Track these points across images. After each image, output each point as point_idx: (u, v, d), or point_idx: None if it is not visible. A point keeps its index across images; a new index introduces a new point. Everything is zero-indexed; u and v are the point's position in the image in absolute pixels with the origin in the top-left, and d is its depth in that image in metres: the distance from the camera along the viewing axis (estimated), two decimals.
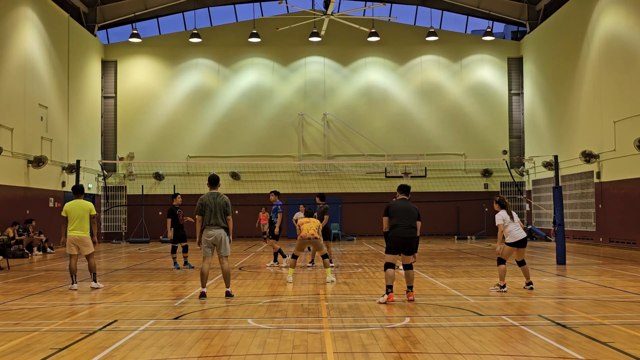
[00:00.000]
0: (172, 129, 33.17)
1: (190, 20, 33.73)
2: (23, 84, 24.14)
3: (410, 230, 10.07)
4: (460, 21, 49.89)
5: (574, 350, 6.70)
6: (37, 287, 12.72)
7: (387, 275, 10.04)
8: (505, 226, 11.28)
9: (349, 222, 32.52)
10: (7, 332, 8.01)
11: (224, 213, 10.70)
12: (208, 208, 10.65)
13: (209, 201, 10.67)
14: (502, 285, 11.27)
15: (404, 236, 10.02)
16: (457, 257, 19.64)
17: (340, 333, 7.70)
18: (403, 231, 10.03)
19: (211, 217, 10.63)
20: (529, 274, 11.58)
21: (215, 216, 10.64)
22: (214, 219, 10.63)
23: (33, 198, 24.35)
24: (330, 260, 16.34)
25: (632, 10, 22.64)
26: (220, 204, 10.68)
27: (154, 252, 23.09)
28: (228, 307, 9.88)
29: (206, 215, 10.65)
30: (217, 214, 10.64)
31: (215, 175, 11.05)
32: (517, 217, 11.55)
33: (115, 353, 6.79)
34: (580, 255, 20.06)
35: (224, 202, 10.73)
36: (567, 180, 27.74)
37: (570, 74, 27.74)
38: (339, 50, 33.72)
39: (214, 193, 10.82)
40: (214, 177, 11.01)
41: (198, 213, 10.71)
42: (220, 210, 10.67)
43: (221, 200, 10.71)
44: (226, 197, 10.87)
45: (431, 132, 33.47)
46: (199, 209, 10.70)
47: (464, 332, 7.66)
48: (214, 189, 10.91)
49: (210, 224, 10.64)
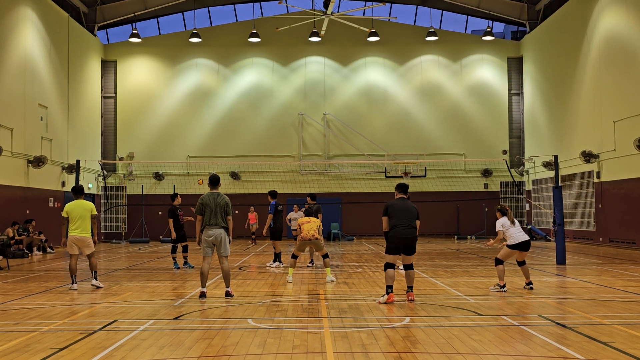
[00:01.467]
0: (172, 129, 33.17)
1: (190, 20, 33.75)
2: (23, 84, 24.13)
3: (411, 230, 10.04)
4: (460, 21, 49.93)
5: (574, 350, 6.70)
6: (37, 287, 12.72)
7: (387, 276, 10.04)
8: (505, 231, 11.49)
9: (349, 222, 32.52)
10: (7, 332, 8.00)
11: (224, 213, 10.71)
12: (209, 208, 10.66)
13: (209, 201, 10.68)
14: (502, 285, 11.30)
15: (405, 236, 10.00)
16: (457, 257, 19.64)
17: (340, 333, 7.70)
18: (403, 231, 10.00)
19: (211, 217, 10.65)
20: (529, 273, 11.61)
21: (215, 216, 10.65)
22: (215, 219, 10.65)
23: (33, 198, 24.35)
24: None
25: (632, 10, 22.64)
26: (221, 204, 10.70)
27: (154, 252, 23.10)
28: (228, 307, 9.87)
29: (206, 215, 10.66)
30: (218, 214, 10.66)
31: (216, 175, 11.08)
32: (518, 223, 11.72)
33: (115, 353, 6.79)
34: (580, 255, 20.06)
35: (225, 202, 10.74)
36: (567, 180, 27.74)
37: (570, 74, 27.74)
38: (339, 50, 33.72)
39: (215, 193, 10.83)
40: (215, 177, 11.04)
41: (198, 213, 10.73)
42: (221, 210, 10.69)
43: (222, 201, 10.73)
44: (227, 197, 10.89)
45: (431, 132, 33.47)
46: (199, 208, 10.72)
47: (464, 332, 7.66)
48: (215, 189, 10.94)
49: (211, 224, 10.65)
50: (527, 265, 11.70)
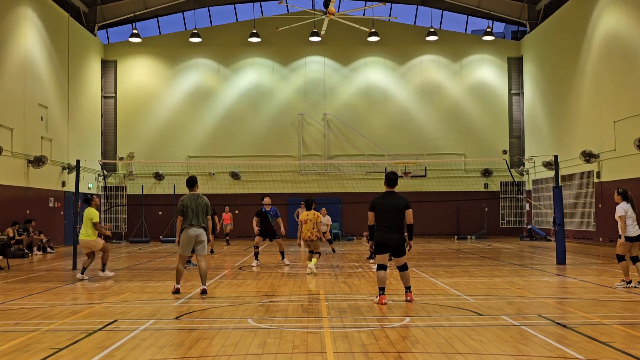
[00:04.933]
0: (172, 129, 33.18)
1: (190, 20, 33.76)
2: (23, 84, 24.14)
3: (394, 236, 9.86)
4: (460, 21, 49.96)
5: (574, 350, 6.70)
6: (37, 287, 12.73)
7: (378, 278, 10.04)
8: (626, 219, 11.16)
9: (349, 222, 32.50)
10: (7, 332, 8.00)
11: (205, 214, 11.14)
12: (190, 209, 11.06)
13: (190, 203, 11.09)
14: (627, 281, 11.41)
15: (387, 242, 9.92)
16: (457, 257, 19.63)
17: (340, 333, 7.70)
18: (385, 235, 9.89)
19: (193, 217, 11.04)
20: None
21: (197, 217, 11.06)
22: (196, 220, 11.04)
23: (33, 198, 24.35)
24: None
25: (632, 10, 22.64)
26: (202, 205, 11.14)
27: (154, 252, 23.09)
28: (228, 307, 9.88)
29: (188, 216, 11.04)
30: (199, 214, 11.07)
31: (193, 177, 11.56)
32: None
33: (115, 353, 6.79)
34: (580, 255, 20.05)
35: (205, 203, 11.20)
36: (567, 180, 27.73)
37: (570, 74, 27.73)
38: (339, 50, 33.72)
39: (195, 194, 11.26)
40: (192, 179, 11.49)
41: (179, 214, 11.13)
42: (202, 211, 11.11)
43: (202, 202, 11.17)
44: (206, 198, 11.38)
45: (431, 132, 33.47)
46: (180, 210, 11.13)
47: (464, 332, 7.65)
48: (193, 190, 11.34)
49: (192, 224, 11.02)
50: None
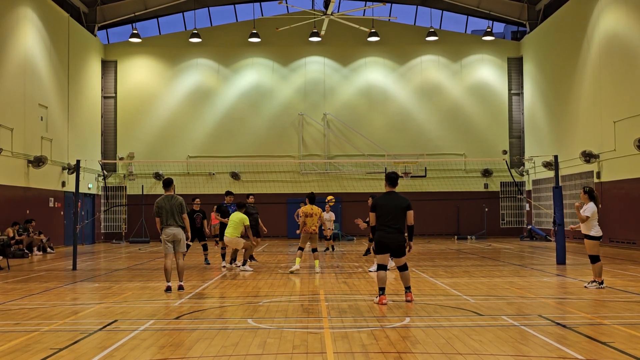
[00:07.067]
0: (172, 129, 33.17)
1: (190, 20, 33.75)
2: (23, 84, 24.13)
3: (395, 236, 9.91)
4: (460, 21, 49.96)
5: (574, 350, 6.70)
6: (37, 287, 12.73)
7: (378, 278, 10.06)
8: (591, 220, 11.22)
9: (349, 222, 32.45)
10: (7, 332, 8.01)
11: (180, 213, 11.56)
12: (164, 210, 11.54)
13: (164, 204, 11.56)
14: (599, 282, 11.44)
15: (388, 242, 9.95)
16: (457, 257, 19.64)
17: (340, 333, 7.70)
18: (387, 236, 9.93)
19: (168, 217, 11.52)
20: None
21: (172, 217, 11.53)
22: (172, 219, 11.53)
23: (33, 198, 24.34)
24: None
25: (632, 10, 22.64)
26: (176, 205, 11.59)
27: (154, 252, 23.09)
28: (228, 307, 9.88)
29: (163, 216, 11.52)
30: (175, 214, 11.53)
31: (169, 179, 12.01)
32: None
33: (115, 353, 6.79)
34: (580, 255, 20.04)
35: (179, 203, 11.66)
36: (567, 180, 27.73)
37: (570, 74, 27.73)
38: (339, 50, 33.71)
39: (169, 195, 11.69)
40: (168, 180, 11.92)
41: (156, 215, 11.60)
42: (177, 210, 11.56)
43: (176, 202, 11.63)
44: (180, 197, 11.83)
45: (431, 132, 33.47)
46: (156, 211, 11.61)
47: (464, 332, 7.66)
48: (168, 191, 11.77)
49: (169, 224, 11.52)
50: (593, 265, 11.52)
